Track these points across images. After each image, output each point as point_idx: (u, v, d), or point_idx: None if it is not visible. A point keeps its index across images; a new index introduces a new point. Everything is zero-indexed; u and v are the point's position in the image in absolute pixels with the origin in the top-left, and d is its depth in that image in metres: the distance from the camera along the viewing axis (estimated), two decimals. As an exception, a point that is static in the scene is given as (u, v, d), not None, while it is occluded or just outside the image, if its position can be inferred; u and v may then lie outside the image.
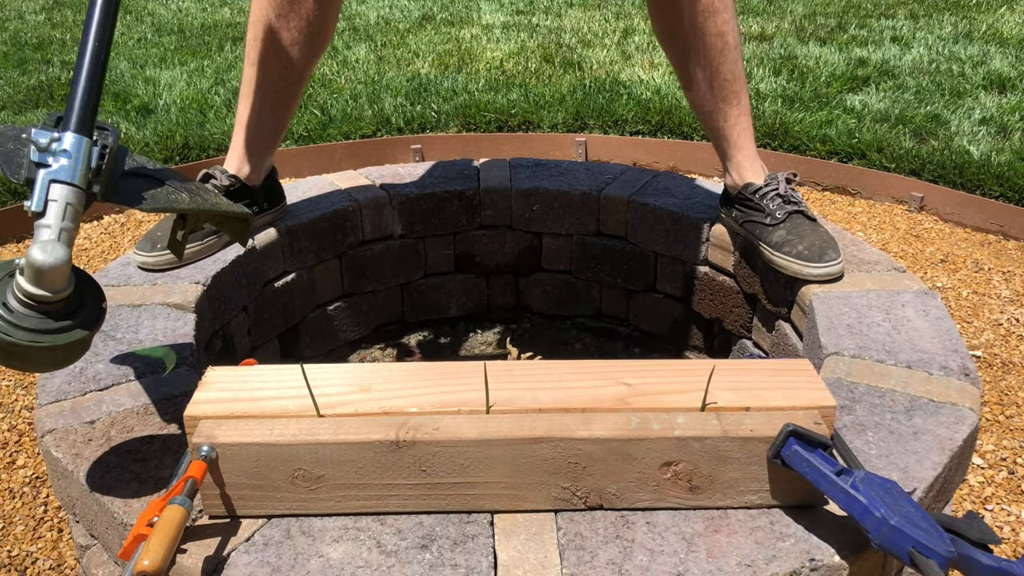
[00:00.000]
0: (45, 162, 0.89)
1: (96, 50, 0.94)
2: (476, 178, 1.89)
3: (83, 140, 0.91)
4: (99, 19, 0.95)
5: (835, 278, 1.40)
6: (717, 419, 0.90)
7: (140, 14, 5.22)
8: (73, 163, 0.89)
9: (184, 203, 1.02)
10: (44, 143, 0.89)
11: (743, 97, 1.53)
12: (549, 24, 4.78)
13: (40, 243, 0.83)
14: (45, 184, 0.88)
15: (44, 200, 0.87)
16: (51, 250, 0.82)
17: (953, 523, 0.84)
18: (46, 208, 0.87)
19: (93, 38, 0.95)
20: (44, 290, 0.83)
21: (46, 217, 0.87)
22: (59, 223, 0.87)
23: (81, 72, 0.94)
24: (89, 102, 0.92)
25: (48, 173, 0.88)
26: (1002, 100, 3.28)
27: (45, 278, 0.82)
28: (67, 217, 0.88)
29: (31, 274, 0.82)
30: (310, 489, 0.90)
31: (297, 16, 1.44)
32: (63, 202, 0.88)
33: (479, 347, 1.97)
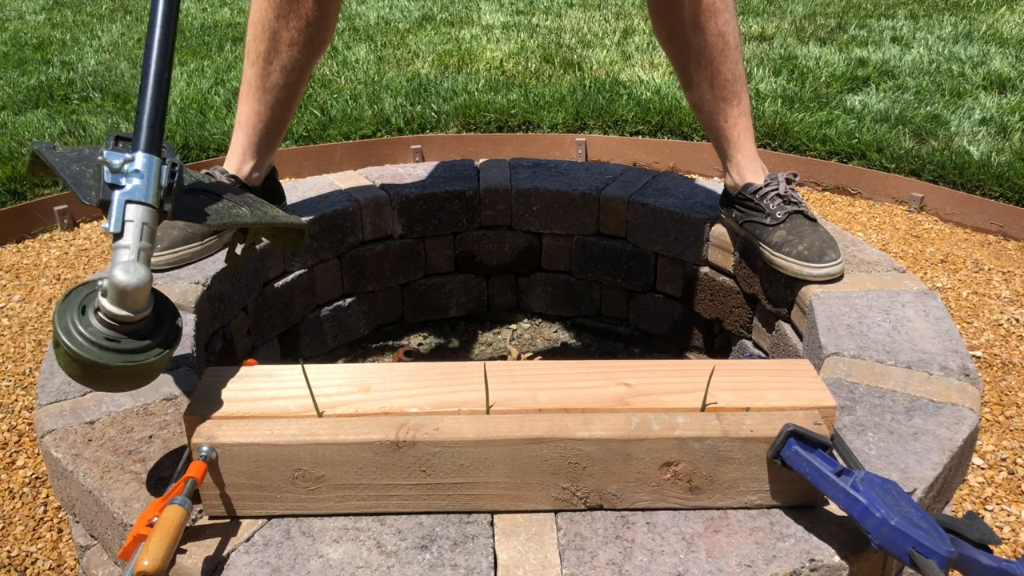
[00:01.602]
0: (119, 183, 0.89)
1: (159, 69, 0.95)
2: (476, 178, 1.89)
3: (154, 159, 0.91)
4: (160, 38, 0.96)
5: (835, 278, 1.40)
6: (717, 419, 0.90)
7: (140, 14, 5.22)
8: (146, 183, 0.90)
9: (246, 217, 1.02)
10: (117, 164, 0.89)
11: (743, 97, 1.53)
12: (549, 24, 4.78)
13: (122, 264, 0.83)
14: (121, 205, 0.88)
15: (121, 221, 0.88)
16: (133, 270, 0.82)
17: (953, 523, 0.84)
18: (123, 229, 0.87)
19: (156, 56, 0.95)
20: (127, 310, 0.83)
21: (124, 238, 0.87)
22: (137, 243, 0.87)
23: (146, 91, 0.94)
24: (156, 121, 0.93)
25: (123, 194, 0.89)
26: (1002, 100, 3.28)
27: (129, 298, 0.82)
28: (144, 237, 0.88)
29: (115, 295, 0.82)
30: (310, 489, 0.90)
31: (297, 16, 1.44)
32: (139, 222, 0.88)
33: (479, 347, 1.97)
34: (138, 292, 0.83)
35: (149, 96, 0.94)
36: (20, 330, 1.99)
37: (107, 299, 0.83)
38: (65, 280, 2.22)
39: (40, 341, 1.95)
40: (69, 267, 2.28)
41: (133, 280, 0.82)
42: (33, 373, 1.84)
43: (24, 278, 2.23)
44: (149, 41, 0.96)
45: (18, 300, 2.12)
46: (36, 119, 3.16)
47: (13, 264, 2.30)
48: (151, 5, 0.98)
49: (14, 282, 2.21)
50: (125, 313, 0.83)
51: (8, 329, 2.00)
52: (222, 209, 1.01)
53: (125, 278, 0.81)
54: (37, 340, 1.95)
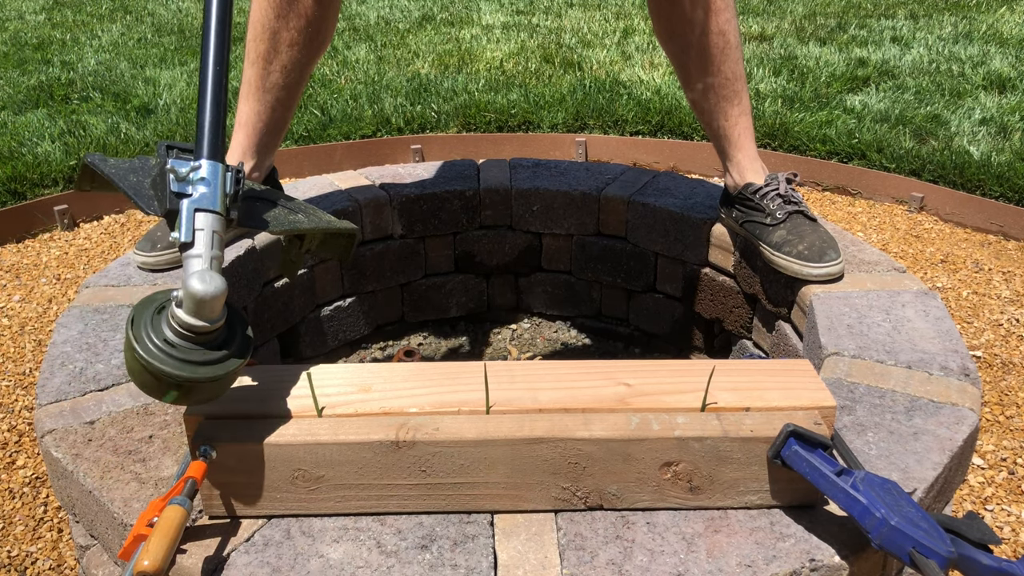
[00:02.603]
0: (185, 192, 0.88)
1: (217, 75, 0.94)
2: (476, 178, 1.89)
3: (219, 166, 0.90)
4: (216, 44, 0.95)
5: (835, 278, 1.40)
6: (717, 419, 0.90)
7: (140, 14, 5.22)
8: (213, 190, 0.89)
9: (303, 223, 1.01)
10: (184, 172, 0.88)
11: (744, 97, 1.53)
12: (549, 24, 4.78)
13: (196, 273, 0.81)
14: (191, 214, 0.87)
15: (192, 230, 0.87)
16: (209, 279, 0.80)
17: (953, 523, 0.84)
18: (194, 238, 0.86)
19: (212, 63, 0.94)
20: (204, 320, 0.81)
21: (196, 247, 0.86)
22: (209, 252, 0.86)
23: (205, 98, 0.93)
24: (218, 128, 0.92)
25: (191, 202, 0.88)
26: (1002, 100, 3.28)
27: (205, 308, 0.80)
28: (214, 245, 0.87)
29: (191, 305, 0.80)
30: (310, 489, 0.90)
31: (297, 16, 1.44)
32: (209, 230, 0.87)
33: (479, 347, 1.97)
34: (215, 302, 0.81)
35: (208, 103, 0.93)
36: (20, 330, 1.99)
37: (182, 309, 0.81)
38: (65, 280, 2.22)
39: (40, 341, 1.95)
40: (69, 267, 2.28)
41: (210, 289, 0.80)
42: (33, 373, 1.84)
43: (24, 278, 2.23)
44: (205, 48, 0.95)
45: (18, 300, 2.12)
46: (36, 119, 3.16)
47: (13, 264, 2.30)
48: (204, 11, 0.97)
49: (14, 282, 2.21)
50: (201, 323, 0.81)
51: (8, 329, 2.00)
52: (280, 215, 1.00)
53: (202, 287, 0.79)
54: (37, 340, 1.95)
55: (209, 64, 0.94)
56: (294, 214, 1.02)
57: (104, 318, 1.30)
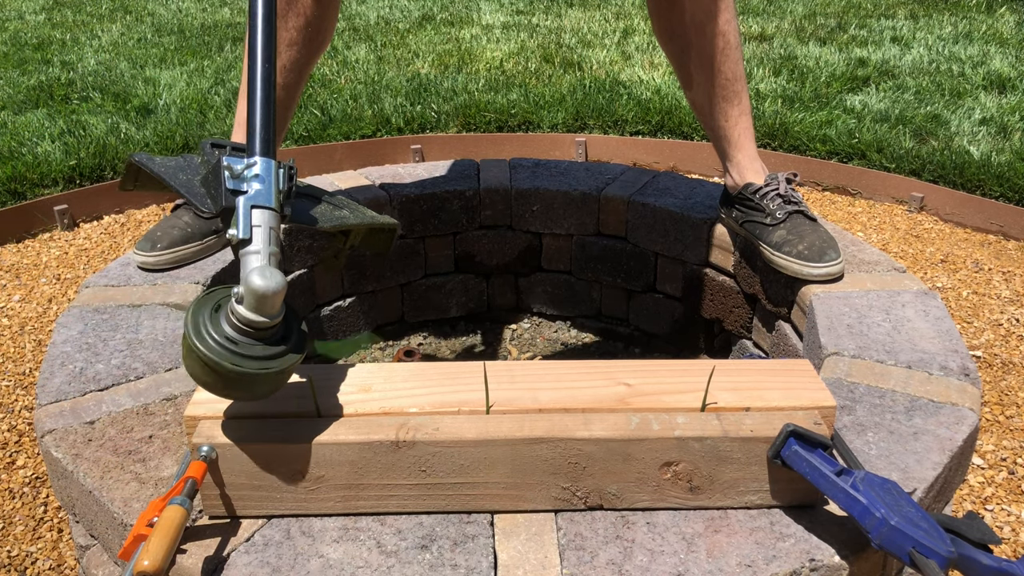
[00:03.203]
0: (241, 189, 0.88)
1: (266, 72, 0.94)
2: (476, 178, 1.89)
3: (272, 163, 0.90)
4: (263, 40, 0.95)
5: (835, 278, 1.40)
6: (717, 419, 0.90)
7: (140, 14, 5.22)
8: (267, 187, 0.89)
9: (350, 219, 1.01)
10: (239, 170, 0.88)
11: (744, 97, 1.53)
12: (549, 24, 4.78)
13: (257, 269, 0.81)
14: (247, 210, 0.87)
15: (249, 226, 0.87)
16: (270, 275, 0.81)
17: (953, 523, 0.84)
18: (252, 234, 0.86)
19: (261, 60, 0.94)
20: (264, 316, 0.81)
21: (254, 243, 0.86)
22: (267, 248, 0.86)
23: (255, 96, 0.93)
24: (269, 124, 0.92)
25: (248, 199, 0.88)
26: (1002, 100, 3.28)
27: (266, 304, 0.81)
28: (271, 241, 0.87)
29: (252, 301, 0.80)
30: (310, 489, 0.90)
31: (296, 16, 1.44)
32: (266, 226, 0.87)
33: (479, 347, 1.97)
34: (276, 297, 0.81)
35: (259, 100, 0.93)
36: (20, 330, 1.99)
37: (243, 305, 0.81)
38: (65, 280, 2.22)
39: (40, 341, 1.95)
40: (69, 267, 2.28)
41: (272, 285, 0.80)
42: (33, 373, 1.84)
43: (24, 278, 2.23)
44: (252, 45, 0.95)
45: (18, 300, 2.12)
46: (36, 119, 3.16)
47: (13, 264, 2.30)
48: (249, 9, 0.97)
49: (14, 282, 2.21)
50: (262, 319, 0.81)
51: (8, 329, 2.00)
52: (327, 211, 1.00)
53: (263, 283, 0.80)
54: (37, 340, 1.95)
55: (257, 61, 0.95)
56: (339, 210, 1.02)
57: (104, 318, 1.30)
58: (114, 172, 2.71)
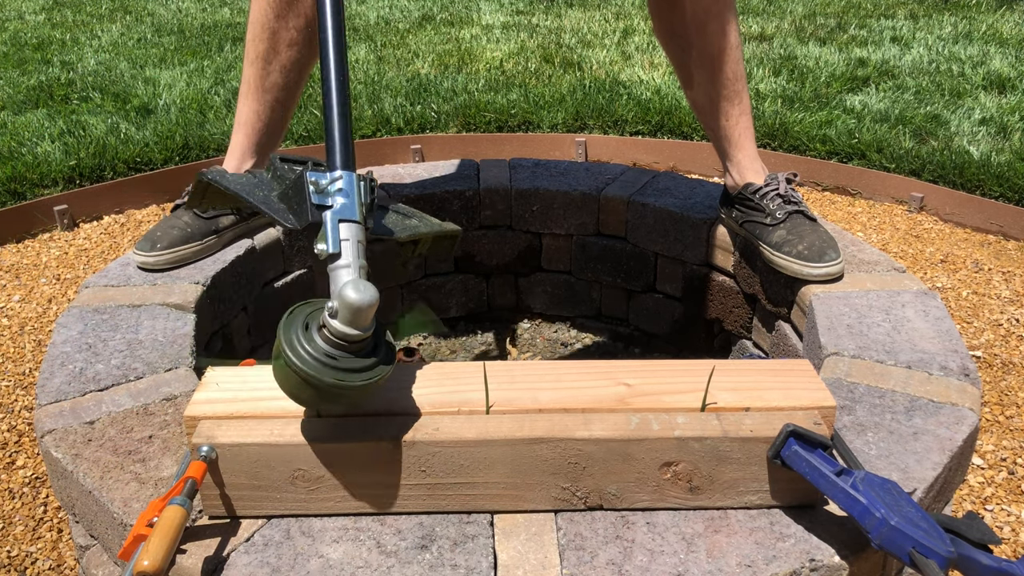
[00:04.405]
0: (326, 203, 0.88)
1: (341, 85, 0.95)
2: (476, 178, 1.89)
3: (354, 176, 0.91)
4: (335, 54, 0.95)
5: (835, 278, 1.40)
6: (717, 419, 0.90)
7: (140, 14, 5.22)
8: (351, 200, 0.90)
9: (421, 227, 1.01)
10: (324, 184, 0.89)
11: (744, 96, 1.53)
12: (549, 24, 4.78)
13: (350, 283, 0.81)
14: (335, 224, 0.88)
15: (338, 240, 0.87)
16: (364, 288, 0.80)
17: (953, 523, 0.84)
18: (341, 248, 0.87)
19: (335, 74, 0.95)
20: (358, 329, 0.81)
21: (343, 257, 0.87)
22: (357, 261, 0.87)
23: (332, 109, 0.94)
24: (348, 138, 0.92)
25: (335, 213, 0.88)
26: (1002, 100, 3.28)
27: (361, 317, 0.81)
28: (360, 254, 0.87)
29: (348, 315, 0.80)
30: (310, 489, 0.90)
31: (296, 16, 1.44)
32: (354, 240, 0.88)
33: (479, 347, 1.97)
34: (370, 310, 0.81)
35: (336, 114, 0.93)
36: (20, 330, 1.99)
37: (337, 320, 0.81)
38: (65, 280, 2.22)
39: (40, 341, 1.95)
40: (69, 267, 2.28)
41: (366, 298, 0.80)
42: (33, 373, 1.84)
43: (24, 278, 2.23)
44: (324, 59, 0.95)
45: (18, 300, 2.12)
46: (36, 119, 3.16)
47: (13, 264, 2.30)
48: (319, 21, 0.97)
49: (14, 282, 2.21)
50: (356, 332, 0.81)
51: (8, 329, 2.00)
52: (399, 221, 1.00)
53: (358, 296, 0.80)
54: (37, 340, 1.95)
55: (332, 75, 0.95)
56: (408, 219, 1.03)
57: (104, 318, 1.30)
58: (114, 172, 2.71)
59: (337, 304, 0.81)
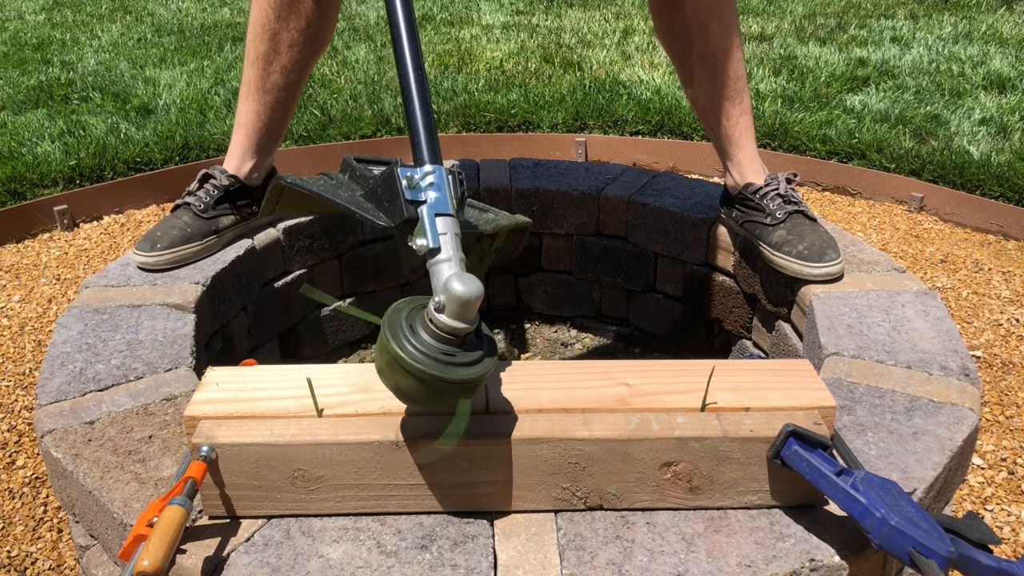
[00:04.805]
0: (419, 198, 0.88)
1: (420, 79, 0.94)
2: (476, 178, 1.89)
3: (442, 170, 0.90)
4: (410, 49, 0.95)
5: (835, 278, 1.40)
6: (717, 419, 0.90)
7: (140, 14, 5.22)
8: (443, 194, 0.89)
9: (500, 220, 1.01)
10: (417, 179, 0.88)
11: (745, 96, 1.53)
12: (549, 24, 4.78)
13: (455, 276, 0.80)
14: (432, 219, 0.87)
15: (436, 234, 0.87)
16: (469, 281, 0.80)
17: (953, 523, 0.84)
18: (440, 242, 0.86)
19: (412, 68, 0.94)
20: (465, 323, 0.80)
21: (444, 251, 0.86)
22: (457, 253, 0.86)
23: (413, 103, 0.93)
24: (433, 131, 0.92)
25: (430, 208, 0.88)
26: (1002, 100, 3.28)
27: (469, 310, 0.80)
28: (459, 247, 0.87)
29: (455, 308, 0.79)
30: (310, 489, 0.90)
31: (296, 16, 1.44)
32: (452, 233, 0.87)
33: (479, 347, 1.97)
34: (477, 303, 0.80)
35: (418, 108, 0.93)
36: (20, 330, 1.99)
37: (445, 314, 0.80)
38: (65, 280, 2.22)
39: (40, 341, 1.95)
40: (69, 267, 2.28)
41: (473, 290, 0.79)
42: (33, 373, 1.84)
43: (24, 278, 2.23)
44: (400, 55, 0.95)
45: (18, 300, 2.12)
46: (36, 119, 3.16)
47: (13, 264, 2.30)
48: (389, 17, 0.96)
49: (14, 282, 2.21)
50: (464, 326, 0.80)
51: (8, 329, 2.00)
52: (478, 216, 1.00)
53: (465, 289, 0.79)
54: (37, 340, 1.95)
55: (409, 70, 0.94)
56: (485, 212, 1.03)
57: (104, 318, 1.30)
58: (114, 172, 2.71)
59: (444, 298, 0.80)
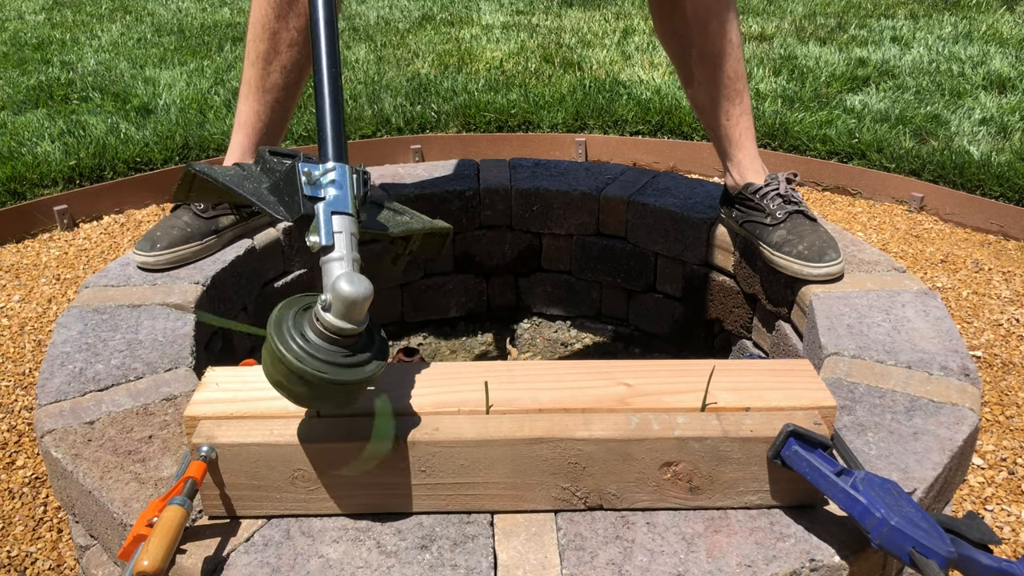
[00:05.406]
0: (318, 195, 0.87)
1: (333, 76, 0.94)
2: (476, 178, 1.89)
3: (346, 168, 0.90)
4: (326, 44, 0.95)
5: (835, 278, 1.40)
6: (717, 419, 0.90)
7: (140, 14, 5.22)
8: (344, 192, 0.88)
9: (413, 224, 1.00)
10: (316, 176, 0.88)
11: (745, 96, 1.53)
12: (549, 24, 4.78)
13: (344, 276, 0.79)
14: (328, 216, 0.87)
15: (331, 232, 0.86)
16: (358, 281, 0.79)
17: (953, 523, 0.84)
18: (334, 240, 0.86)
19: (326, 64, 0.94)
20: (352, 323, 0.80)
21: (336, 250, 0.85)
22: (350, 254, 0.86)
23: (324, 100, 0.93)
24: (341, 129, 0.91)
25: (327, 205, 0.87)
26: (1002, 100, 3.28)
27: (356, 310, 0.79)
28: (353, 247, 0.86)
29: (341, 308, 0.79)
30: (310, 489, 0.90)
31: (296, 16, 1.44)
32: (347, 232, 0.87)
33: (479, 347, 1.97)
34: (365, 303, 0.79)
35: (328, 106, 0.92)
36: (20, 330, 1.99)
37: (331, 314, 0.79)
38: (65, 280, 2.21)
39: (40, 341, 1.95)
40: (69, 267, 2.28)
41: (360, 291, 0.79)
42: (33, 373, 1.84)
43: (24, 278, 2.23)
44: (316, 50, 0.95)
45: (18, 300, 2.12)
46: (36, 119, 3.16)
47: (13, 264, 2.30)
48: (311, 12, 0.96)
49: (14, 282, 2.21)
50: (350, 326, 0.80)
51: (8, 329, 2.00)
52: (391, 217, 0.99)
53: (352, 289, 0.78)
54: (37, 340, 1.95)
55: (323, 66, 0.94)
56: (400, 215, 1.02)
57: (104, 318, 1.30)
58: (114, 172, 2.71)
59: (331, 297, 0.79)
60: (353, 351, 0.82)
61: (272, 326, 0.81)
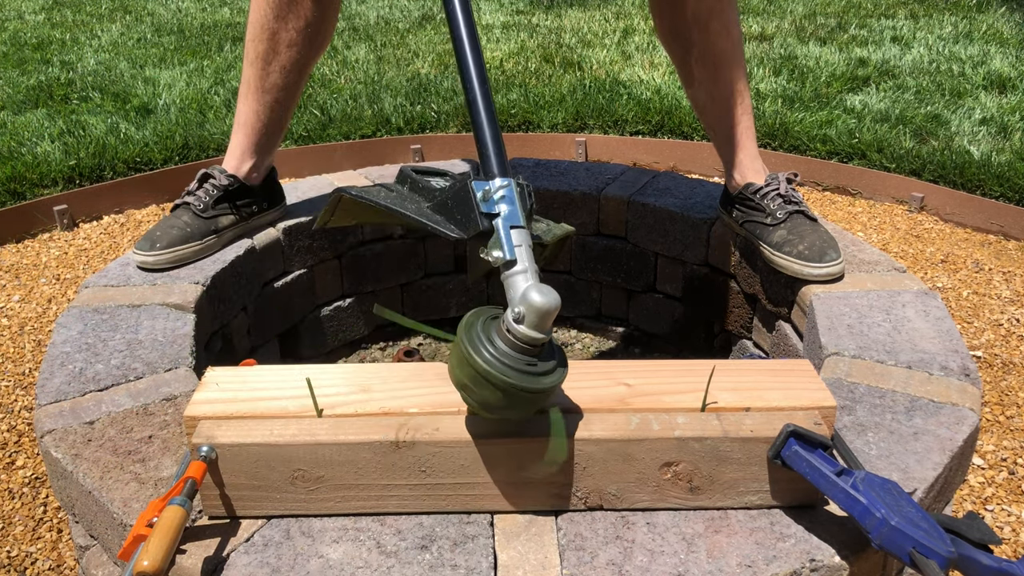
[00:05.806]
0: (492, 211, 0.90)
1: (485, 92, 0.96)
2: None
3: (512, 182, 0.92)
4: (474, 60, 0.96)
5: (835, 278, 1.40)
6: (717, 419, 0.90)
7: (140, 14, 5.22)
8: (515, 207, 0.91)
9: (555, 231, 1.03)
10: (491, 192, 0.90)
11: (745, 96, 1.53)
12: (549, 24, 4.78)
13: (533, 287, 0.81)
14: (508, 232, 0.89)
15: (512, 247, 0.88)
16: (547, 292, 0.81)
17: (953, 523, 0.84)
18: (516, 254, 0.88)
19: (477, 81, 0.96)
20: (543, 333, 0.81)
21: (519, 263, 0.87)
22: (531, 265, 0.88)
23: (481, 116, 0.95)
24: (501, 143, 0.93)
25: (504, 220, 0.89)
26: (1002, 100, 3.28)
27: (547, 320, 0.81)
28: (532, 259, 0.88)
29: (534, 319, 0.80)
30: (310, 490, 0.90)
31: (296, 17, 1.44)
32: (525, 245, 0.89)
33: (479, 347, 1.96)
34: (554, 313, 0.81)
35: (485, 120, 0.94)
36: (20, 330, 1.99)
37: (524, 325, 0.81)
38: (65, 280, 2.21)
39: (40, 341, 1.95)
40: (69, 267, 2.28)
41: (551, 302, 0.80)
42: (33, 373, 1.83)
43: (24, 278, 2.23)
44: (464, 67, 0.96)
45: (18, 300, 2.12)
46: (36, 119, 3.16)
47: (13, 264, 2.30)
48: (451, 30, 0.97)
49: (14, 282, 2.20)
50: (542, 336, 0.81)
51: (8, 329, 2.00)
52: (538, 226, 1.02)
53: (544, 300, 0.80)
54: (37, 340, 1.95)
55: (474, 83, 0.96)
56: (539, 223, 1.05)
57: (104, 318, 1.30)
58: (114, 172, 2.71)
59: (524, 309, 0.81)
60: (539, 360, 0.83)
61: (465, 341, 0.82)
